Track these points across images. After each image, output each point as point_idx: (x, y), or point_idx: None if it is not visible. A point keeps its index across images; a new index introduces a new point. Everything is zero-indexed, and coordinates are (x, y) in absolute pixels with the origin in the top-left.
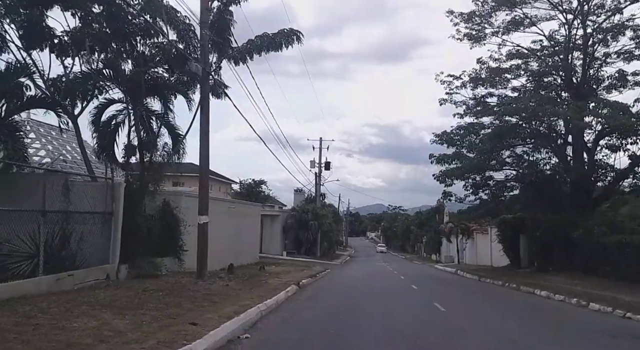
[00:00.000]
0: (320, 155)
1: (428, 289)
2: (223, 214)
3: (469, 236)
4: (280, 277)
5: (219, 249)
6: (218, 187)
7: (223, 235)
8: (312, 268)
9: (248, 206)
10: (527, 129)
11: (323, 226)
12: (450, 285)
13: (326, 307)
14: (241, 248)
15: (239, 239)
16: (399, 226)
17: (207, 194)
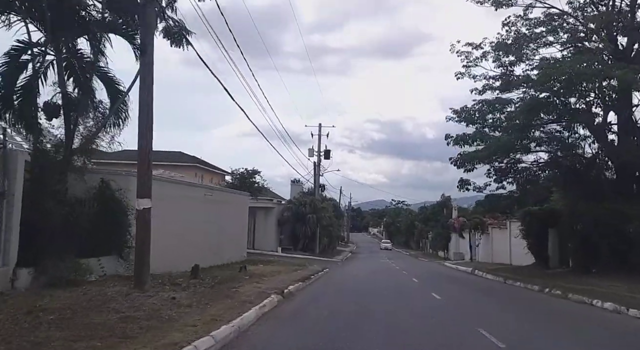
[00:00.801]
0: (319, 143)
1: (454, 299)
2: (196, 202)
3: (483, 231)
4: (262, 282)
5: (187, 245)
6: (210, 178)
7: (194, 228)
8: (307, 267)
9: (232, 195)
10: (566, 102)
11: (322, 220)
12: (480, 292)
13: (316, 331)
14: (222, 244)
15: (218, 234)
16: (403, 221)
17: (149, 170)
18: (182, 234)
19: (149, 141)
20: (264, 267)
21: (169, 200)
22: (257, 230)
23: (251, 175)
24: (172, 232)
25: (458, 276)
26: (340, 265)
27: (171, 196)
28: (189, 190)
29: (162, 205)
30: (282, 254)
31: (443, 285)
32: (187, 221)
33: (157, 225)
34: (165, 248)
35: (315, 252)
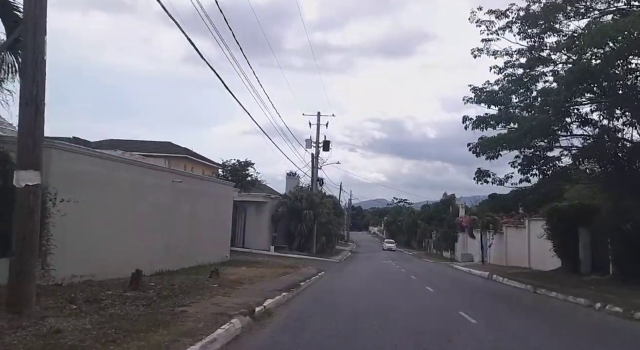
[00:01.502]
0: (317, 133)
1: (496, 325)
2: (160, 190)
3: (496, 231)
4: (232, 293)
5: (141, 243)
6: (201, 170)
7: (156, 223)
8: (300, 270)
9: (212, 184)
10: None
11: (320, 217)
12: (519, 309)
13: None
14: (196, 243)
15: (191, 230)
16: (404, 220)
17: (38, 126)
18: (135, 231)
19: (39, 76)
20: (245, 270)
21: (118, 185)
22: (247, 227)
23: (244, 168)
24: (120, 228)
25: (477, 283)
26: (338, 267)
27: (121, 180)
28: (150, 175)
29: (105, 192)
30: (275, 253)
31: (468, 298)
32: (145, 214)
33: (94, 217)
34: (107, 248)
35: (312, 251)
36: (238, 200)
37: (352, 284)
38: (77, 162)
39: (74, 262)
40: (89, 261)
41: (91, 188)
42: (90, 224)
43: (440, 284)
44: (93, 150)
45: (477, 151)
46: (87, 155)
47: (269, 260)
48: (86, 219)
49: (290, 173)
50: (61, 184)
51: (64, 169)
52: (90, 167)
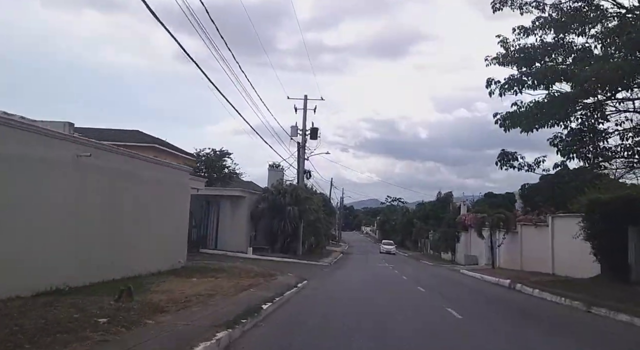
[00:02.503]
0: (304, 119)
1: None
2: (55, 168)
3: (509, 230)
4: (117, 343)
5: (31, 245)
6: (171, 161)
7: (54, 216)
8: (274, 279)
9: (153, 167)
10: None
11: (307, 214)
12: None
13: None
14: (126, 245)
15: (116, 228)
16: (399, 219)
17: None
18: (22, 229)
19: None
20: (194, 284)
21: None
22: (221, 226)
23: (219, 158)
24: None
25: (501, 296)
26: (326, 274)
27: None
28: (42, 146)
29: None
30: (253, 256)
31: (508, 324)
32: (37, 206)
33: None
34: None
35: (298, 253)
36: (210, 194)
37: (344, 301)
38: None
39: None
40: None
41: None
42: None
43: (457, 298)
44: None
45: (507, 124)
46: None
47: (239, 266)
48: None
49: (273, 165)
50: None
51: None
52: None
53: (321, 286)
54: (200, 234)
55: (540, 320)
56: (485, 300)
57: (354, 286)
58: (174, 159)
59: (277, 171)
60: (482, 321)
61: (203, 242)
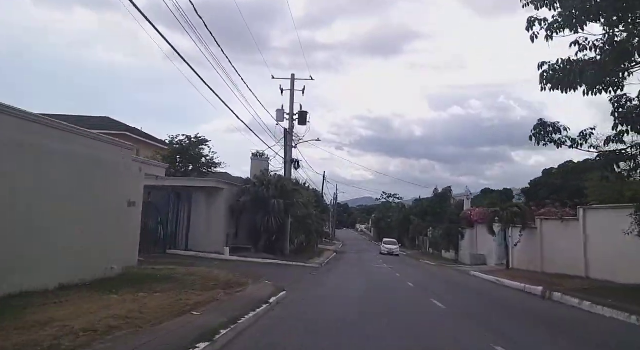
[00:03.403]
0: (291, 102)
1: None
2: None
3: (525, 226)
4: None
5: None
6: (143, 150)
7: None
8: (239, 291)
9: (67, 137)
10: None
11: (295, 208)
12: None
13: None
14: (18, 246)
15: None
16: (395, 216)
17: None
18: None
19: None
20: (110, 303)
21: None
22: (193, 222)
23: (196, 145)
24: None
25: (544, 312)
26: (315, 278)
27: None
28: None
29: None
30: (231, 257)
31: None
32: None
33: None
34: None
35: (285, 253)
36: (180, 185)
37: (331, 333)
38: None
39: None
40: None
41: None
42: None
43: (494, 320)
44: None
45: (559, 78)
46: None
47: (200, 273)
48: None
49: (257, 153)
50: None
51: None
52: None
53: (302, 301)
54: (168, 232)
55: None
56: (532, 322)
57: (348, 301)
58: (146, 148)
59: (261, 161)
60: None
61: (172, 242)
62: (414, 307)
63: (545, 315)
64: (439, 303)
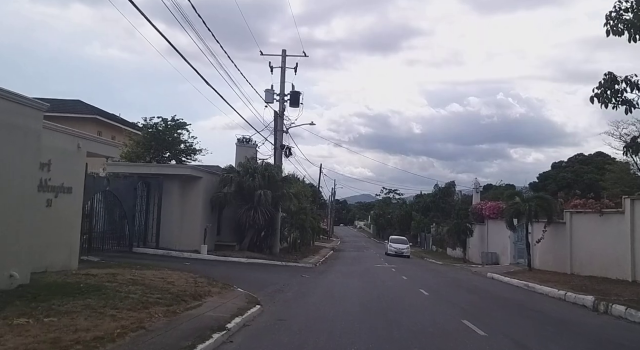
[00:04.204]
0: (282, 80)
1: None
2: None
3: (550, 220)
4: None
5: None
6: (113, 135)
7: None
8: (188, 310)
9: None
10: None
11: (285, 200)
12: None
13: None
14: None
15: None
16: (395, 212)
17: None
18: None
19: None
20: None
21: None
22: (165, 215)
23: (173, 129)
24: None
25: (616, 336)
26: (304, 283)
27: None
28: None
29: None
30: (209, 256)
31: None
32: None
33: None
34: None
35: (275, 251)
36: (149, 173)
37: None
38: None
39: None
40: None
41: None
42: None
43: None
44: None
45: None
46: None
47: (144, 279)
48: None
49: (243, 139)
50: None
51: None
52: None
53: (278, 325)
54: (136, 227)
55: None
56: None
57: (345, 321)
58: (117, 133)
59: (247, 147)
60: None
61: (142, 239)
62: (443, 335)
63: (625, 343)
64: (473, 326)
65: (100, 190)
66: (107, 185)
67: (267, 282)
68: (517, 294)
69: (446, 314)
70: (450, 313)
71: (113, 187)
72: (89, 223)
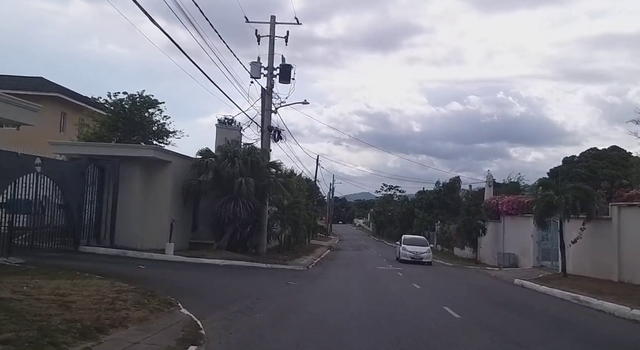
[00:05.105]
0: (271, 52)
1: None
2: None
3: (590, 217)
4: None
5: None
6: (77, 115)
7: None
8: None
9: None
10: None
11: (270, 190)
12: None
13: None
14: None
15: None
16: (396, 210)
17: None
18: None
19: None
20: None
21: None
22: (122, 206)
23: (142, 107)
24: None
25: None
26: (290, 291)
27: None
28: None
29: None
30: (175, 256)
31: None
32: None
33: None
34: None
35: (261, 251)
36: (102, 155)
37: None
38: None
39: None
40: None
41: None
42: None
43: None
44: None
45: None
46: None
47: (49, 291)
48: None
49: (225, 120)
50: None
51: None
52: None
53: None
54: (86, 220)
55: None
56: None
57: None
58: (79, 112)
59: (229, 129)
60: None
61: (93, 234)
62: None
63: None
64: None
65: (27, 173)
66: (38, 167)
67: (236, 294)
68: (574, 313)
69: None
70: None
71: (50, 170)
72: (5, 214)
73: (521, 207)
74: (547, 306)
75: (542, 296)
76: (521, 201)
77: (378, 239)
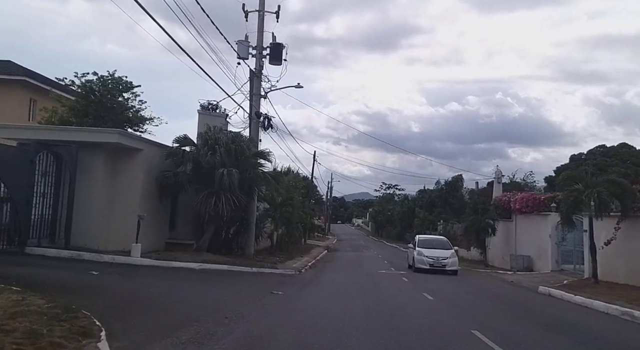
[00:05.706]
0: (260, 29)
1: None
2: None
3: (626, 215)
4: None
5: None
6: (44, 100)
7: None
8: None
9: None
10: None
11: (258, 182)
12: None
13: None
14: None
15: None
16: (396, 209)
17: None
18: None
19: None
20: None
21: None
22: (81, 200)
23: (115, 90)
24: None
25: None
26: (271, 306)
27: None
28: None
29: None
30: (142, 259)
31: None
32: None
33: None
34: None
35: (248, 252)
36: (56, 140)
37: None
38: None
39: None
40: None
41: None
42: None
43: None
44: None
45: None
46: None
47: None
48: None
49: (208, 105)
50: None
51: None
52: None
53: None
54: (37, 216)
55: None
56: None
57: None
58: (56, 101)
59: (213, 116)
60: None
61: (47, 233)
62: None
63: None
64: None
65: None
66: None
67: (198, 311)
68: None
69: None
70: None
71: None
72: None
73: (537, 204)
74: (602, 327)
75: (583, 310)
76: (537, 198)
77: (377, 239)
